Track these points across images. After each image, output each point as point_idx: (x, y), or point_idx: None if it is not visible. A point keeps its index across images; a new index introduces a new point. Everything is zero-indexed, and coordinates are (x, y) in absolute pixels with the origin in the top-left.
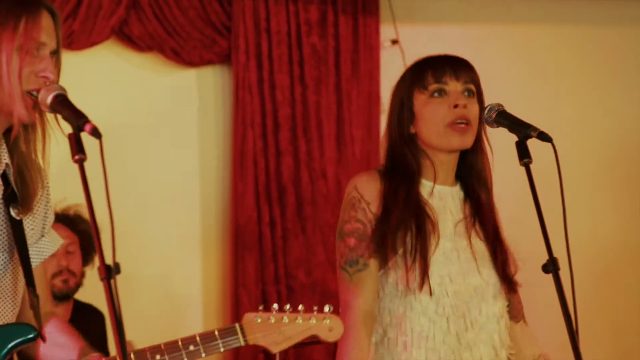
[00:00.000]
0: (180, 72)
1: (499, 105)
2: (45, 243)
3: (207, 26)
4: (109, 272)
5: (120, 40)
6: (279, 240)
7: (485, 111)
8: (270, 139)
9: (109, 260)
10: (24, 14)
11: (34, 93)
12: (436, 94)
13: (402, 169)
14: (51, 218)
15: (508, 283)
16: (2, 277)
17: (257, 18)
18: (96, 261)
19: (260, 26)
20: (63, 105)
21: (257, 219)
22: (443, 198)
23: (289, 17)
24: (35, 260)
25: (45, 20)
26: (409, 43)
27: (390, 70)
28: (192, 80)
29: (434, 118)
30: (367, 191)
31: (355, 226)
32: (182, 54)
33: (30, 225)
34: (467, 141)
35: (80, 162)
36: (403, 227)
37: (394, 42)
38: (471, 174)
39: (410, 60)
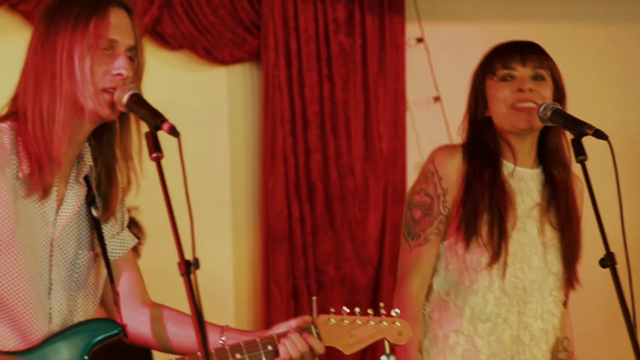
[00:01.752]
0: (211, 70)
1: (555, 103)
2: (127, 235)
3: (237, 25)
4: (189, 268)
5: (153, 39)
6: (309, 236)
7: (540, 109)
8: (299, 136)
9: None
10: (94, 13)
11: (110, 91)
12: (504, 79)
13: (483, 150)
14: (127, 216)
15: (569, 274)
16: (87, 274)
17: (286, 16)
18: None
19: (289, 24)
20: (139, 104)
21: (287, 215)
22: (522, 180)
23: (316, 16)
24: (118, 252)
25: (116, 17)
26: (434, 41)
27: (416, 68)
28: (222, 78)
29: (499, 101)
30: (442, 167)
31: (424, 199)
32: (213, 52)
33: (110, 221)
34: (534, 121)
35: (158, 160)
36: (486, 207)
37: (419, 40)
38: (549, 156)
39: (435, 58)
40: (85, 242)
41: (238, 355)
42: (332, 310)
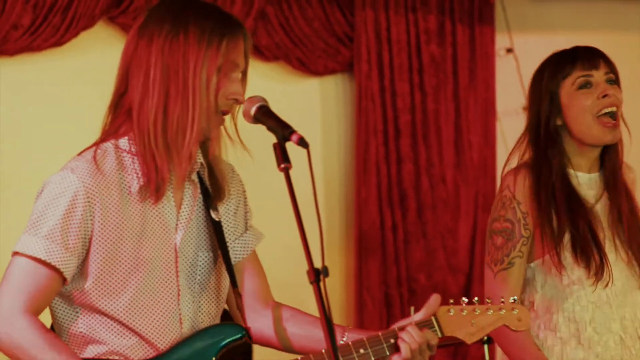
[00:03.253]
0: (305, 81)
1: None
2: (250, 236)
3: (330, 36)
4: (318, 276)
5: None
6: (401, 244)
7: None
8: (391, 146)
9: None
10: (226, 35)
11: (224, 111)
12: (584, 86)
13: (550, 162)
14: (251, 214)
15: None
16: (208, 277)
17: (378, 28)
18: None
19: (381, 36)
20: (267, 116)
21: (379, 224)
22: (592, 187)
23: (408, 27)
24: (240, 254)
25: (241, 42)
26: (524, 51)
27: (505, 78)
28: (315, 89)
29: (583, 110)
30: (518, 190)
31: (505, 225)
32: (307, 64)
33: (231, 223)
34: (618, 135)
35: (286, 171)
36: (568, 222)
37: (509, 50)
38: (610, 159)
39: (525, 68)
40: (204, 244)
41: (362, 350)
42: (451, 301)
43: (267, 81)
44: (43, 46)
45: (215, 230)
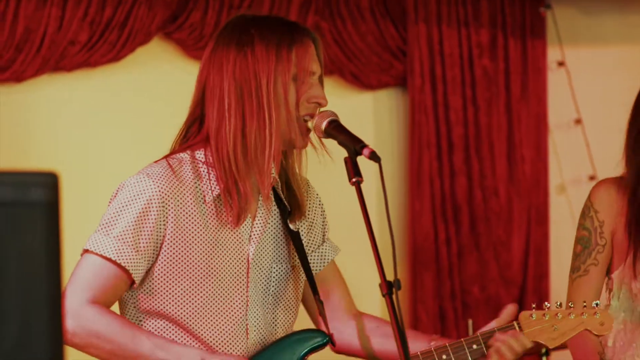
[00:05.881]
0: (358, 95)
1: None
2: (327, 248)
3: (384, 50)
4: (391, 288)
5: None
6: (455, 257)
7: None
8: (444, 159)
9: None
10: (295, 43)
11: (307, 118)
12: None
13: None
14: (328, 227)
15: None
16: (285, 287)
17: (431, 42)
18: None
19: (434, 50)
20: (338, 130)
21: (433, 237)
22: None
23: (460, 41)
24: (318, 266)
25: (311, 48)
26: (575, 64)
27: (557, 91)
28: (368, 103)
29: None
30: (597, 199)
31: (582, 233)
32: (361, 78)
33: (309, 235)
34: None
35: (358, 185)
36: None
37: (560, 64)
38: None
39: (576, 81)
40: (281, 256)
41: (444, 356)
42: (534, 305)
43: None
44: (100, 62)
45: (294, 241)
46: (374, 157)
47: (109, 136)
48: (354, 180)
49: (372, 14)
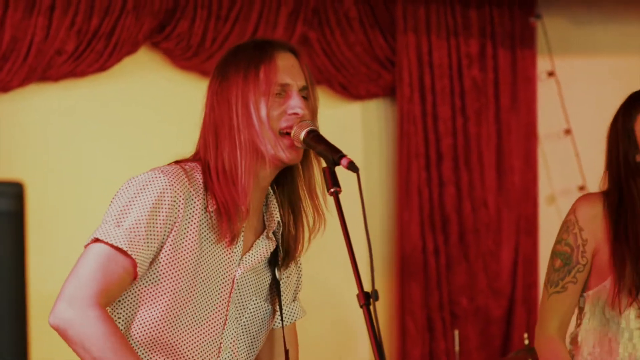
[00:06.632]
0: (347, 105)
1: None
2: (297, 307)
3: (372, 61)
4: (368, 299)
5: None
6: (443, 268)
7: None
8: (433, 170)
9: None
10: (261, 61)
11: (288, 131)
12: None
13: (627, 201)
14: (300, 287)
15: None
16: (252, 322)
17: (420, 52)
18: None
19: (423, 60)
20: (316, 140)
21: (422, 248)
22: None
23: (450, 51)
24: (286, 321)
25: (284, 60)
26: (565, 75)
27: (546, 101)
28: (357, 113)
29: None
30: (583, 217)
31: (564, 249)
32: (349, 88)
33: (285, 287)
34: None
35: (336, 195)
36: (633, 266)
37: (550, 74)
38: None
39: (566, 91)
40: (261, 293)
41: None
42: (525, 335)
43: None
44: (87, 71)
45: (276, 289)
46: (352, 167)
47: (97, 146)
48: (332, 190)
49: (360, 24)
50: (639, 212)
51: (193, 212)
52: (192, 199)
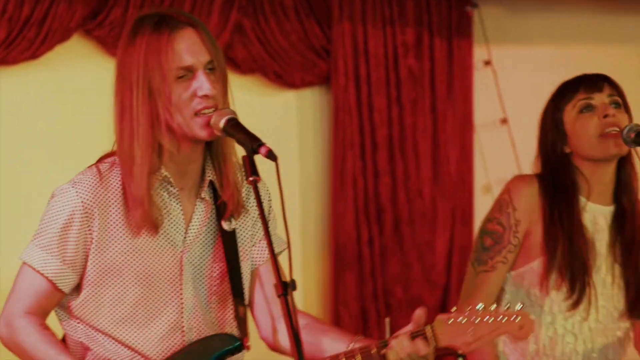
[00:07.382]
0: (282, 94)
1: (638, 125)
2: (277, 240)
3: (307, 49)
4: (286, 289)
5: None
6: (377, 258)
7: (624, 131)
8: (368, 160)
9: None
10: (159, 45)
11: (204, 112)
12: (585, 110)
13: (559, 187)
14: (275, 222)
15: (631, 311)
16: (217, 287)
17: (356, 41)
18: None
19: (358, 49)
20: (236, 128)
21: (356, 238)
22: (596, 216)
23: (385, 40)
24: (258, 260)
25: (183, 41)
26: (501, 64)
27: (483, 91)
28: (292, 102)
29: (586, 131)
30: (517, 198)
31: (496, 227)
32: (284, 77)
33: (249, 231)
34: (622, 146)
35: (255, 184)
36: (567, 253)
37: (487, 63)
38: (622, 191)
39: (503, 81)
40: (214, 256)
41: None
42: (454, 308)
43: (243, 94)
44: (18, 59)
45: (227, 241)
46: (270, 155)
47: (29, 133)
48: (251, 179)
49: (296, 12)
50: (571, 195)
51: (110, 216)
52: (108, 205)
